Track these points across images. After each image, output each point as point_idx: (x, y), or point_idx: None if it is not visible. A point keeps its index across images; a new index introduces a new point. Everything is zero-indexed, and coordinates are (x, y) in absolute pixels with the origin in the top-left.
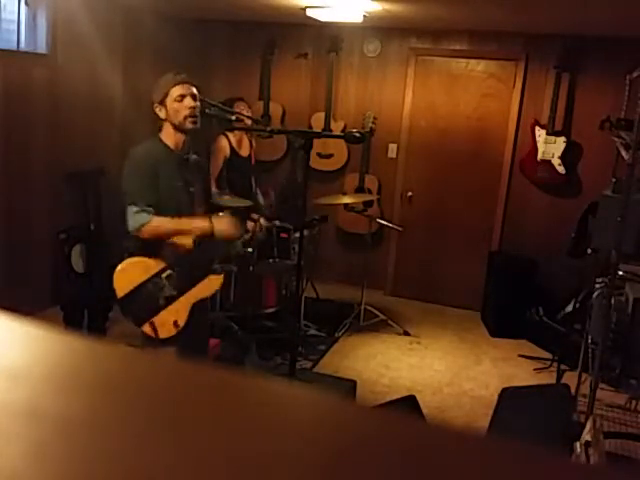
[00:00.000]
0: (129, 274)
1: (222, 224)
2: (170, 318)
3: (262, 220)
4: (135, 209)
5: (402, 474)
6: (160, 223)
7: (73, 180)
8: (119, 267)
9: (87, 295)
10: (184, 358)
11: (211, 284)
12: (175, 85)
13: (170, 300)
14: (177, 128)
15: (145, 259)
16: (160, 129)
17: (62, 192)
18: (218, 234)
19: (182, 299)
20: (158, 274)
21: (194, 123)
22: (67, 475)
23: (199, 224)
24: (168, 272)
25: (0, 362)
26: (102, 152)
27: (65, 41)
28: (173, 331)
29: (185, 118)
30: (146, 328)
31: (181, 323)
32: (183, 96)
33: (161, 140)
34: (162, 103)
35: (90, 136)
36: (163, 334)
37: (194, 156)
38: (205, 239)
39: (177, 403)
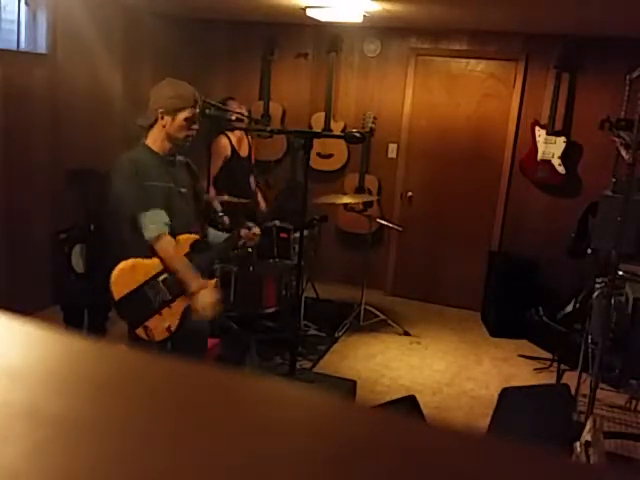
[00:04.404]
0: (127, 277)
1: (206, 296)
2: (164, 322)
3: (256, 229)
4: (149, 217)
5: (402, 474)
6: (168, 246)
7: (73, 180)
8: (117, 269)
9: (87, 295)
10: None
11: None
12: (193, 106)
13: (165, 304)
14: (170, 139)
15: (142, 261)
16: (146, 135)
17: (62, 192)
18: (198, 303)
19: (176, 303)
20: (155, 277)
21: (187, 142)
22: (67, 475)
23: (193, 281)
24: (165, 275)
25: (0, 362)
26: (102, 152)
27: (65, 41)
28: (165, 335)
29: (185, 137)
30: (140, 331)
31: (173, 328)
32: (193, 122)
33: (146, 145)
34: (171, 114)
35: (90, 136)
36: (157, 337)
37: (180, 157)
38: (202, 243)
39: (177, 403)
